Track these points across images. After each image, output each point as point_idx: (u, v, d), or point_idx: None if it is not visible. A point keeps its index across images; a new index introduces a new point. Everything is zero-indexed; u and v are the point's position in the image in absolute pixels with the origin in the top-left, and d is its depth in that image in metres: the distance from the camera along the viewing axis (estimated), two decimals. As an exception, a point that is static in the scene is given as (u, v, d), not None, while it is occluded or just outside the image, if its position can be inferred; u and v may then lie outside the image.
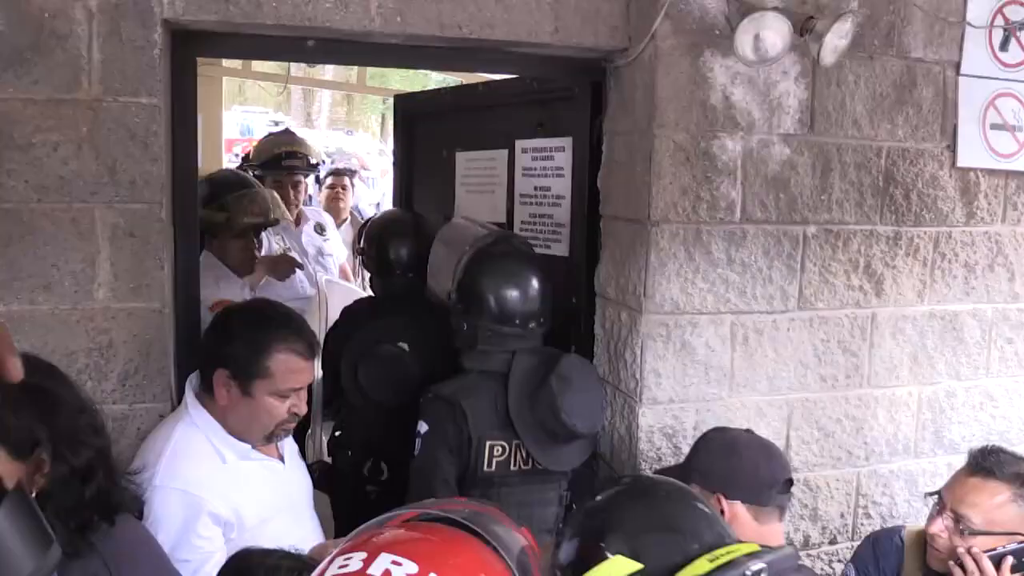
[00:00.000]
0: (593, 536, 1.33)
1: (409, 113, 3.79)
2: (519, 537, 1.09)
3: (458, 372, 2.44)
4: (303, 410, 1.96)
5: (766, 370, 2.54)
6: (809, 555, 2.70)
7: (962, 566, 1.95)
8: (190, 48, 2.25)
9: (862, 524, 2.74)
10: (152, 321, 2.12)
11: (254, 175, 3.90)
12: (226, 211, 3.16)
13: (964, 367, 2.81)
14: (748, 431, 2.09)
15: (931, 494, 2.15)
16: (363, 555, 0.95)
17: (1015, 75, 2.73)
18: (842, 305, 2.62)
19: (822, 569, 2.72)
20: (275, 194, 3.62)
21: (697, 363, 2.46)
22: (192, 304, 2.34)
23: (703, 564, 1.25)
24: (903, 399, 2.75)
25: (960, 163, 2.69)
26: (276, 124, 13.53)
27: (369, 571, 0.93)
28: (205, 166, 5.17)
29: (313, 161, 4.54)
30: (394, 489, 2.61)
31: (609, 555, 1.28)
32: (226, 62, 5.72)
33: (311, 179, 5.46)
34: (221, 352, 1.90)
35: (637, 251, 2.42)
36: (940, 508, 2.06)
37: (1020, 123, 2.76)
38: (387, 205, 6.73)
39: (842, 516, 2.72)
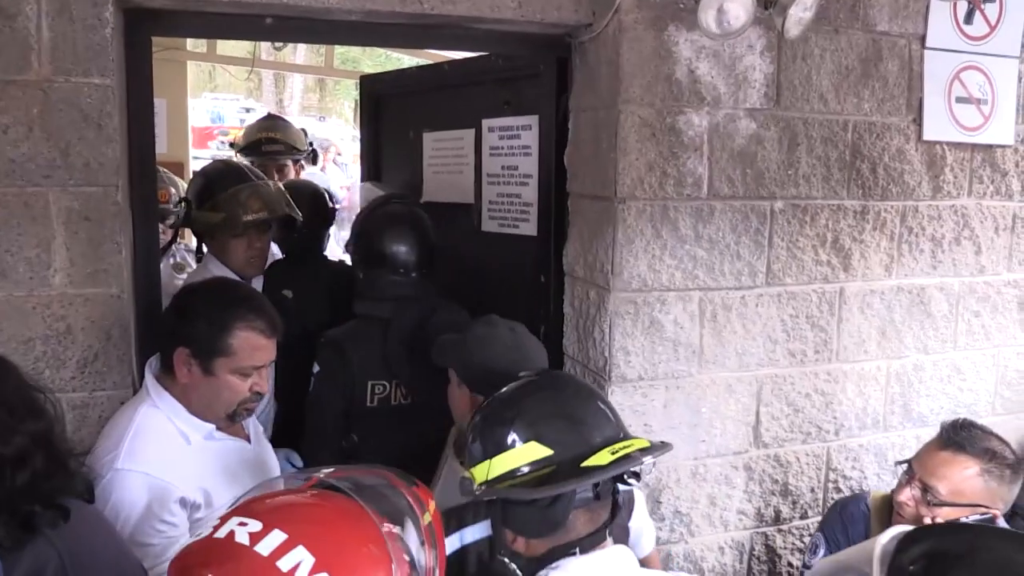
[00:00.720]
0: (503, 422, 1.45)
1: (375, 94, 3.75)
2: (412, 500, 1.13)
3: (349, 317, 2.71)
4: (265, 388, 1.94)
5: (735, 346, 2.54)
6: (780, 530, 2.71)
7: None
8: (144, 27, 2.19)
9: (832, 498, 2.75)
10: (111, 306, 2.08)
11: (251, 161, 3.89)
12: (221, 211, 2.84)
13: (932, 341, 2.83)
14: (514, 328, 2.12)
15: (902, 462, 2.19)
16: (216, 522, 1.00)
17: (980, 48, 2.74)
18: (810, 280, 2.62)
19: (793, 544, 2.73)
20: (280, 186, 3.39)
21: (666, 340, 2.45)
22: (152, 289, 2.29)
23: (605, 455, 1.38)
24: (872, 373, 2.76)
25: (926, 137, 2.70)
26: (247, 111, 13.41)
27: (216, 535, 0.98)
28: (170, 152, 5.12)
29: (296, 146, 4.48)
30: (284, 425, 2.83)
31: (519, 440, 1.41)
32: (190, 45, 5.63)
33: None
34: (182, 330, 1.87)
35: (604, 229, 2.40)
36: (909, 478, 2.11)
37: (985, 96, 2.77)
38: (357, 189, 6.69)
39: (812, 491, 2.74)
